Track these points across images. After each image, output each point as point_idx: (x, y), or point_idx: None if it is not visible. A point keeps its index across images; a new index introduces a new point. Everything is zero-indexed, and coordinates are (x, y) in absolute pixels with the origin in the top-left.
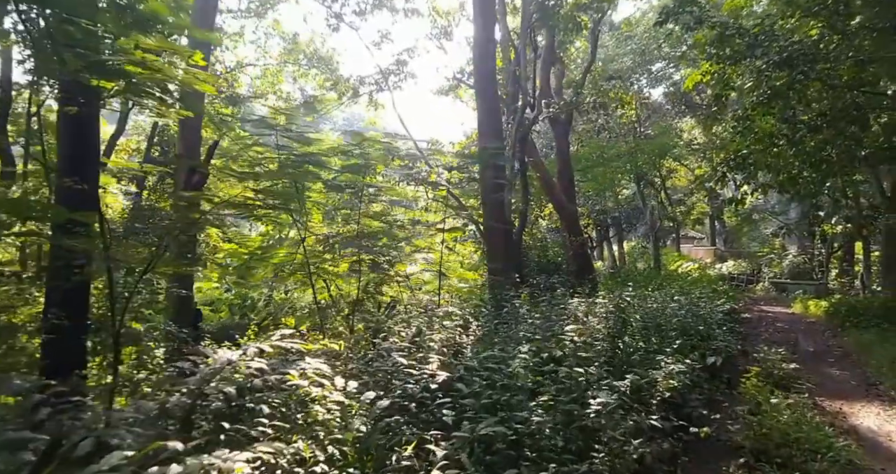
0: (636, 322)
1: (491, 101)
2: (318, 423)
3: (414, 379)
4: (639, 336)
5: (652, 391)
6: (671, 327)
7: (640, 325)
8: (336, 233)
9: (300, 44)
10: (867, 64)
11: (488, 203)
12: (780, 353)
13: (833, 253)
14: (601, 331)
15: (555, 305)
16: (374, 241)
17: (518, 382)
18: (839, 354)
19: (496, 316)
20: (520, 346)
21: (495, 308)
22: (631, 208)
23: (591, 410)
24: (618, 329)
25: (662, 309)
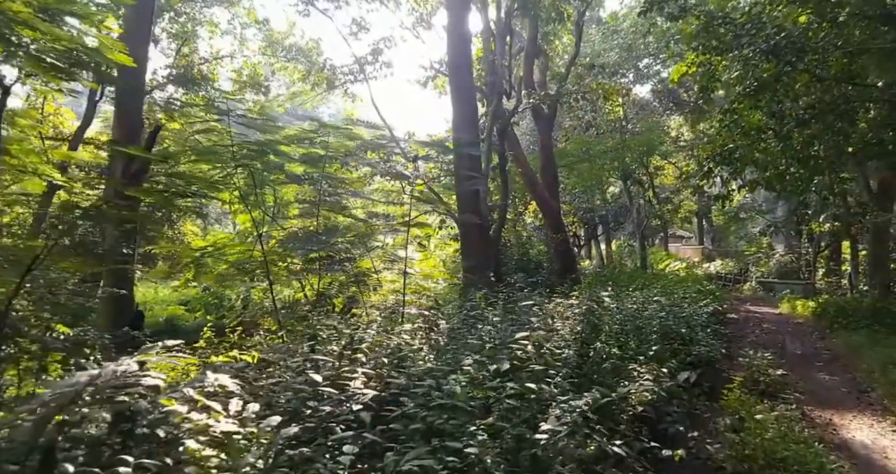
0: (613, 324)
1: (465, 90)
2: (194, 462)
3: (337, 399)
4: (613, 341)
5: (623, 405)
6: (651, 330)
7: (616, 329)
8: (295, 229)
9: (274, 32)
10: (856, 56)
11: (462, 196)
12: (767, 358)
13: (820, 252)
14: (566, 337)
15: (525, 307)
16: (333, 238)
17: (459, 401)
18: (828, 357)
19: (460, 319)
20: (466, 358)
21: (464, 309)
22: (618, 206)
23: (541, 436)
24: (587, 334)
25: (642, 310)
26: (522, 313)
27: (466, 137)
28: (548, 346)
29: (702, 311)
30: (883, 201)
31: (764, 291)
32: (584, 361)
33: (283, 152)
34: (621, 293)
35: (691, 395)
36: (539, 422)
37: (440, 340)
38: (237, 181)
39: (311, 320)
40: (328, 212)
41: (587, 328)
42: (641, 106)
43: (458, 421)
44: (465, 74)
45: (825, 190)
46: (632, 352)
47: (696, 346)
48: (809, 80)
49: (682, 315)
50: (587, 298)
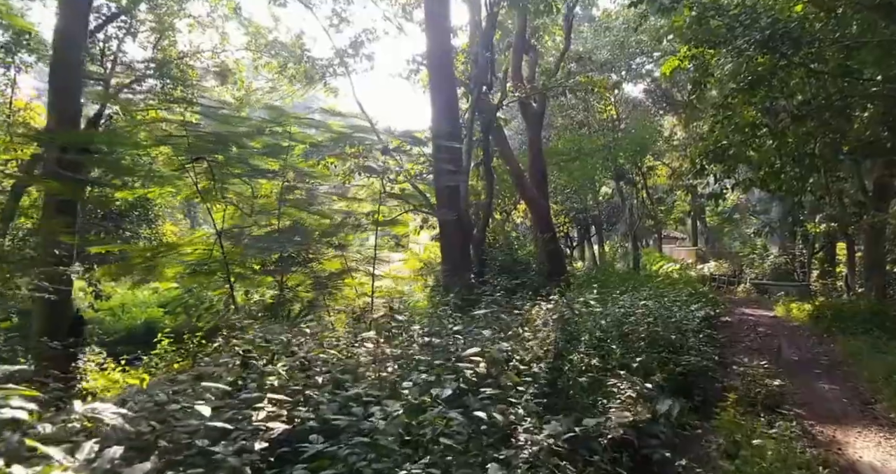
0: (596, 331)
1: (444, 80)
2: None
3: (234, 436)
4: (595, 350)
5: (601, 428)
6: (638, 336)
7: (599, 336)
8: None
9: (253, 23)
10: (853, 50)
11: (441, 193)
12: (763, 367)
13: (815, 253)
14: (537, 348)
15: (490, 314)
16: (293, 237)
17: (386, 438)
18: (827, 364)
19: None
20: (414, 376)
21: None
22: (611, 207)
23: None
24: (561, 345)
25: (629, 315)
26: (490, 321)
27: (446, 130)
28: (516, 360)
29: (694, 315)
30: (878, 201)
31: (758, 293)
32: (559, 376)
33: (248, 145)
34: (610, 296)
35: (681, 411)
36: (494, 455)
37: (390, 354)
38: (192, 175)
39: (247, 329)
40: (292, 209)
41: (562, 338)
42: (634, 105)
43: (383, 466)
44: (443, 62)
45: (820, 190)
46: (615, 362)
47: (687, 355)
48: (805, 74)
49: (672, 320)
50: (562, 304)
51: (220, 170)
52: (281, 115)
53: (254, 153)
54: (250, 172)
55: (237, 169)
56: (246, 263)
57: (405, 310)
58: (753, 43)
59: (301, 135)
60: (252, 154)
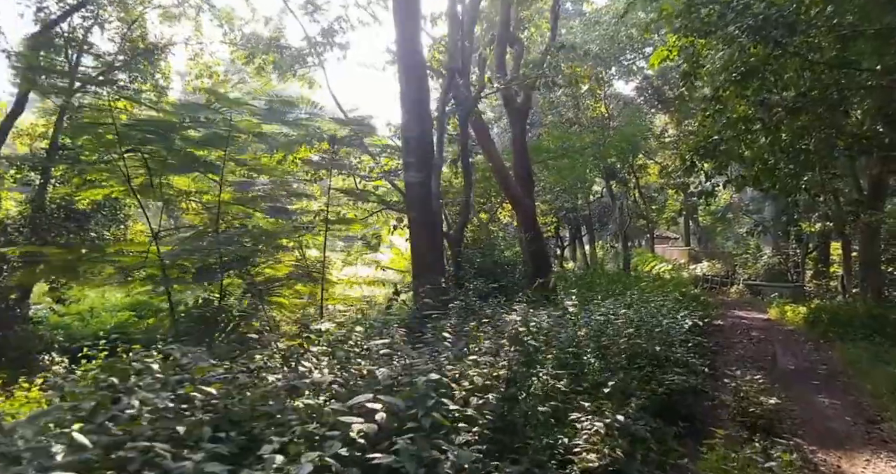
0: (570, 346)
1: (413, 67)
2: None
3: None
4: (565, 369)
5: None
6: (619, 349)
7: (570, 353)
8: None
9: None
10: (850, 40)
11: (410, 190)
12: (757, 381)
13: (809, 253)
14: (478, 378)
15: (459, 325)
16: (235, 237)
17: None
18: (825, 374)
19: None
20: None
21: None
22: (602, 206)
23: None
24: (517, 368)
25: (611, 323)
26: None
27: (416, 123)
28: (463, 388)
29: (683, 322)
30: (874, 199)
31: (752, 294)
32: (512, 407)
33: (190, 137)
34: (595, 300)
35: (664, 438)
36: None
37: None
38: (123, 168)
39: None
40: (233, 205)
41: (522, 356)
42: (626, 103)
43: None
44: (411, 45)
45: (815, 188)
46: (587, 383)
47: (672, 371)
48: (800, 65)
49: (657, 330)
50: (516, 319)
51: (158, 163)
52: (219, 100)
53: (189, 144)
54: (185, 165)
55: (176, 161)
56: (188, 268)
57: (350, 322)
58: (746, 29)
59: (247, 125)
60: (188, 145)
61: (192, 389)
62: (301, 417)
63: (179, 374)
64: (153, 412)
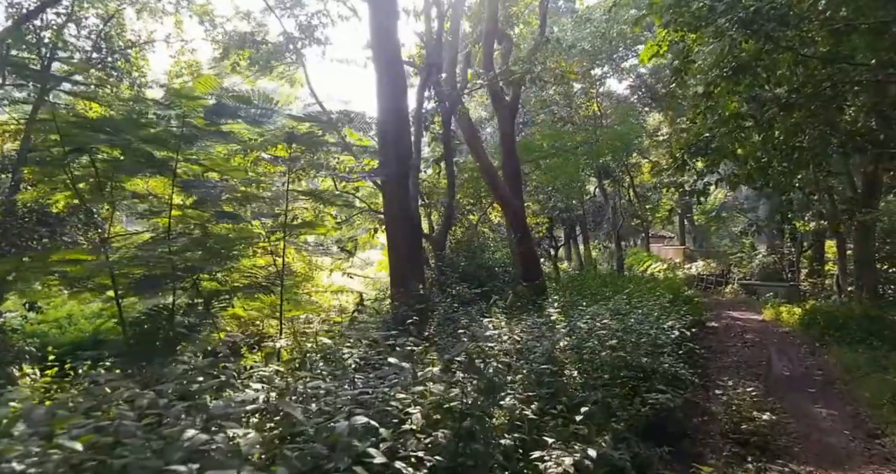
0: (541, 361)
1: (390, 63)
2: None
3: None
4: (539, 389)
5: None
6: (602, 361)
7: (543, 370)
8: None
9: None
10: (844, 34)
11: (387, 190)
12: (751, 395)
13: (804, 252)
14: (426, 411)
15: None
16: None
17: None
18: (821, 381)
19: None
20: None
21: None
22: (597, 206)
23: None
24: (477, 397)
25: (592, 333)
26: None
27: (392, 119)
28: (412, 423)
29: (674, 325)
30: (868, 197)
31: (746, 294)
32: (466, 445)
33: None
34: (580, 305)
35: (647, 469)
36: None
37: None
38: (68, 172)
39: None
40: (190, 210)
41: (478, 385)
42: (619, 102)
43: None
44: (388, 38)
45: (809, 186)
46: (563, 404)
47: (656, 391)
48: (793, 60)
49: (643, 340)
50: (466, 339)
51: (109, 164)
52: (178, 95)
53: (136, 143)
54: (139, 166)
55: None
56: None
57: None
58: (736, 22)
59: (201, 122)
60: (135, 144)
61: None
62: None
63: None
64: None
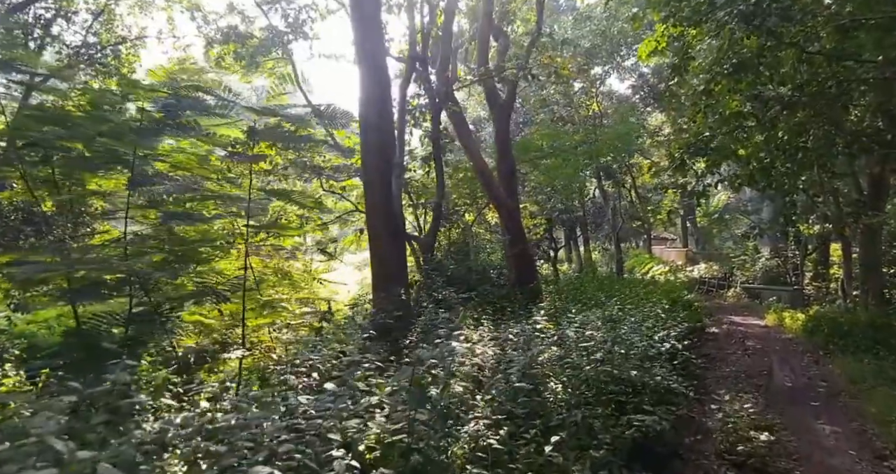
0: (516, 378)
1: (373, 56)
2: None
3: None
4: (512, 407)
5: None
6: (586, 376)
7: (513, 391)
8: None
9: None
10: (850, 30)
11: (368, 190)
12: (748, 412)
13: (808, 255)
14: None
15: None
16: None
17: None
18: (825, 393)
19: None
20: None
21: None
22: (597, 207)
23: None
24: (417, 437)
25: (576, 345)
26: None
27: (375, 115)
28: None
29: (669, 333)
30: (874, 200)
31: (749, 298)
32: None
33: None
34: (570, 312)
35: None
36: None
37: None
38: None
39: None
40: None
41: (430, 416)
42: (621, 101)
43: None
44: (370, 29)
45: (814, 188)
46: (537, 427)
47: (644, 411)
48: (797, 58)
49: (633, 352)
50: (424, 359)
51: (66, 160)
52: (130, 84)
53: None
54: (99, 162)
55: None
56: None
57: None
58: (737, 15)
59: (161, 115)
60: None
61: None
62: None
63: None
64: None
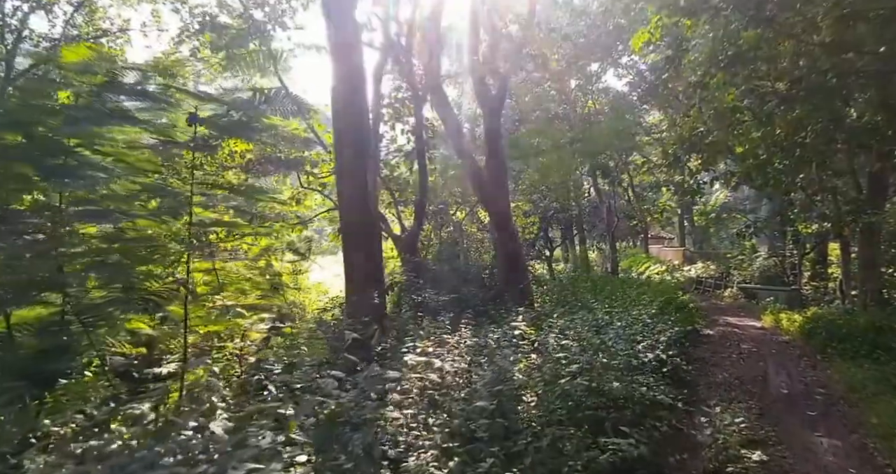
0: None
1: (346, 43)
2: None
3: None
4: (470, 429)
5: None
6: (561, 390)
7: (483, 408)
8: None
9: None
10: (850, 21)
11: (341, 185)
12: (740, 427)
13: (806, 254)
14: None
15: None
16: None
17: None
18: (823, 400)
19: None
20: None
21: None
22: (593, 206)
23: None
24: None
25: (556, 351)
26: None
27: (347, 107)
28: None
29: (659, 339)
30: (874, 198)
31: (746, 298)
32: None
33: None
34: (553, 317)
35: None
36: None
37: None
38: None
39: None
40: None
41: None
42: (618, 99)
43: None
44: (343, 14)
45: (812, 186)
46: (496, 455)
47: (621, 433)
48: (795, 49)
49: (615, 361)
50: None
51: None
52: (54, 65)
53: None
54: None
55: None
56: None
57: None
58: (733, 2)
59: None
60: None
61: None
62: None
63: None
64: None
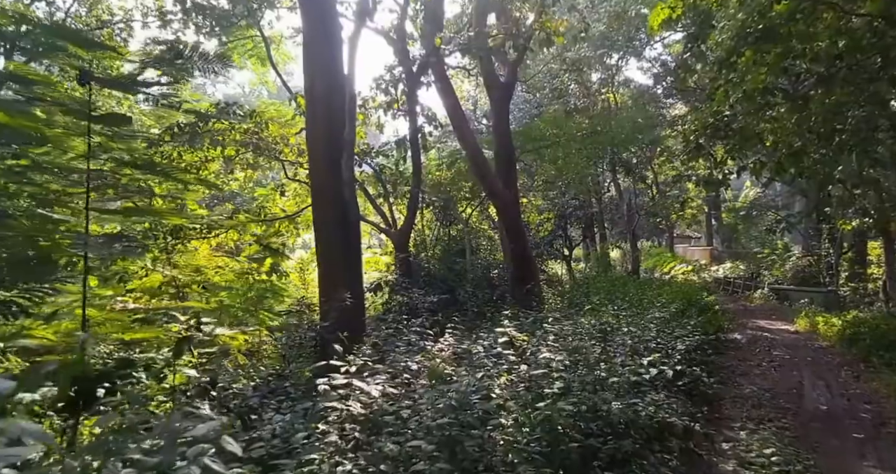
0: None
1: (320, 14)
2: None
3: None
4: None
5: None
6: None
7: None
8: None
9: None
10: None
11: (315, 176)
12: (771, 460)
13: (843, 253)
14: None
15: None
16: None
17: None
18: (871, 420)
19: None
20: None
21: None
22: (614, 203)
23: None
24: None
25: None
26: None
27: (322, 84)
28: None
29: (676, 344)
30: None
31: (778, 300)
32: None
33: None
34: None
35: None
36: None
37: None
38: None
39: None
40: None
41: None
42: (641, 92)
43: None
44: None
45: (852, 178)
46: None
47: (617, 467)
48: (836, 21)
49: (614, 380)
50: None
51: None
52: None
53: None
54: None
55: None
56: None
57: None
58: None
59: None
60: None
61: None
62: None
63: None
64: None
